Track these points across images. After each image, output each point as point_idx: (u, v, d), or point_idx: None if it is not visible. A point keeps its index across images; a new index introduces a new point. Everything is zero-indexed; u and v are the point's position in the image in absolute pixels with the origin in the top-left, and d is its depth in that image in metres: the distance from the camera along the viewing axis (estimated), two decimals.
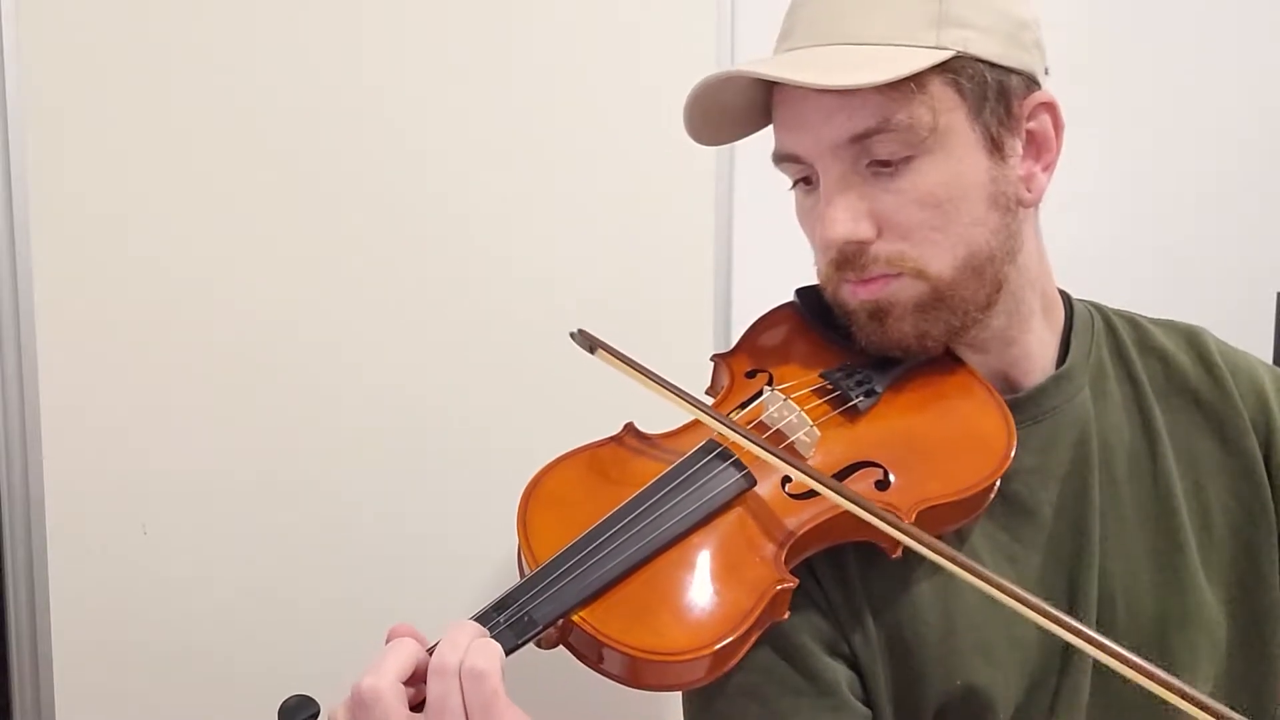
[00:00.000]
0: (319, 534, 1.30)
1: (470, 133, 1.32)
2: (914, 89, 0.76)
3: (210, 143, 1.21)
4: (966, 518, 0.81)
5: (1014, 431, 0.82)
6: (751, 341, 0.93)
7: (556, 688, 1.25)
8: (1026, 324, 0.87)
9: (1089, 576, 0.84)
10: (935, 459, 0.81)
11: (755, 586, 0.72)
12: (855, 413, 0.83)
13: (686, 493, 0.76)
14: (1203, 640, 0.85)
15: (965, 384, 0.86)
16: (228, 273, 1.23)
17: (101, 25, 1.15)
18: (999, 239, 0.81)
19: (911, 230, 0.79)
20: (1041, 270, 0.88)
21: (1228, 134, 1.80)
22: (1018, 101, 0.81)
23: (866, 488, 0.79)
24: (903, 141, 0.77)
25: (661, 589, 0.73)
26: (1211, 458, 0.89)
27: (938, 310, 0.81)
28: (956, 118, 0.78)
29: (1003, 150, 0.80)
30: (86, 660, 1.21)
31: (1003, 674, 0.81)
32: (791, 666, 0.79)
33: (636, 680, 0.71)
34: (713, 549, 0.75)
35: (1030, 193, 0.83)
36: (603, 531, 0.74)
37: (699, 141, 0.88)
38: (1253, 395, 0.90)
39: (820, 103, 0.79)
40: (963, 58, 0.77)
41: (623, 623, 0.70)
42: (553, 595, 0.71)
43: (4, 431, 1.17)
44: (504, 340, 1.36)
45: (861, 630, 0.81)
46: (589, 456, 0.84)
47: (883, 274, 0.80)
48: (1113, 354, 0.92)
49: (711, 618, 0.71)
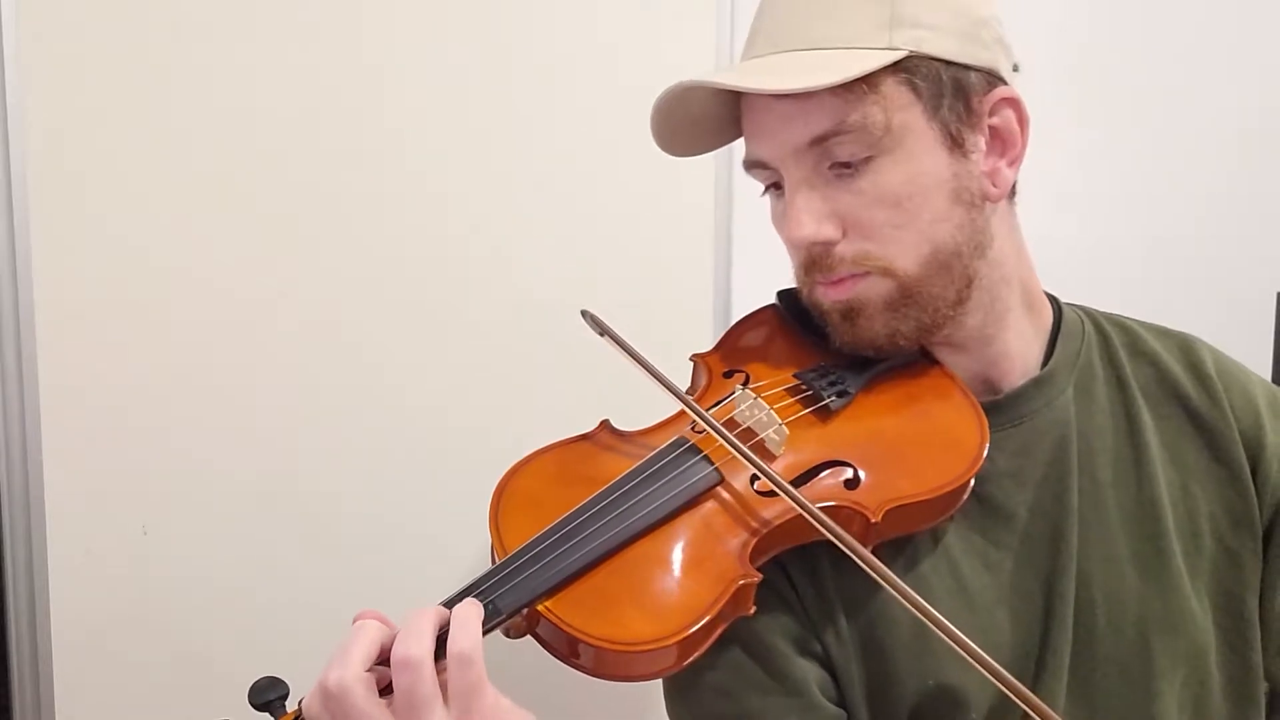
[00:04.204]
0: (319, 534, 1.30)
1: (468, 133, 1.33)
2: (866, 90, 0.77)
3: (209, 143, 1.22)
4: (938, 518, 0.81)
5: (987, 432, 0.82)
6: (731, 342, 0.94)
7: (554, 686, 1.25)
8: (1003, 320, 0.86)
9: (1066, 580, 0.84)
10: (906, 458, 0.82)
11: (719, 580, 0.73)
12: (827, 412, 0.84)
13: (654, 487, 0.77)
14: (1185, 646, 0.85)
15: (940, 385, 0.86)
16: (227, 273, 1.24)
17: (101, 22, 1.16)
18: (965, 234, 0.81)
19: (875, 229, 0.80)
20: (1020, 266, 0.88)
21: (1227, 134, 1.80)
22: (977, 98, 0.81)
23: (836, 486, 0.79)
24: (860, 142, 0.78)
25: (626, 581, 0.74)
26: (1200, 465, 0.89)
27: (907, 307, 0.82)
28: (912, 116, 0.79)
29: (964, 146, 0.80)
30: (86, 660, 1.21)
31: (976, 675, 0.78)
32: (761, 667, 0.80)
33: (603, 671, 0.72)
34: (678, 542, 0.76)
35: (996, 188, 0.82)
36: (569, 523, 0.75)
37: (671, 153, 0.89)
38: (1245, 408, 0.90)
39: (779, 108, 0.80)
40: (916, 57, 0.78)
41: (586, 613, 0.71)
42: (518, 584, 0.72)
43: (4, 431, 1.17)
44: (505, 341, 1.37)
45: (834, 629, 0.81)
46: (562, 451, 0.85)
47: (850, 274, 0.81)
48: (1102, 358, 0.91)
49: (673, 609, 0.72)
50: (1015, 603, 0.83)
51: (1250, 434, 0.89)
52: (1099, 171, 1.74)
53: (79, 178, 1.17)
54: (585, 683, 0.74)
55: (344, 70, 1.27)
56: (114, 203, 1.19)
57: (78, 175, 1.17)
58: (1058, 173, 1.66)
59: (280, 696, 0.69)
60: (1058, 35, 1.63)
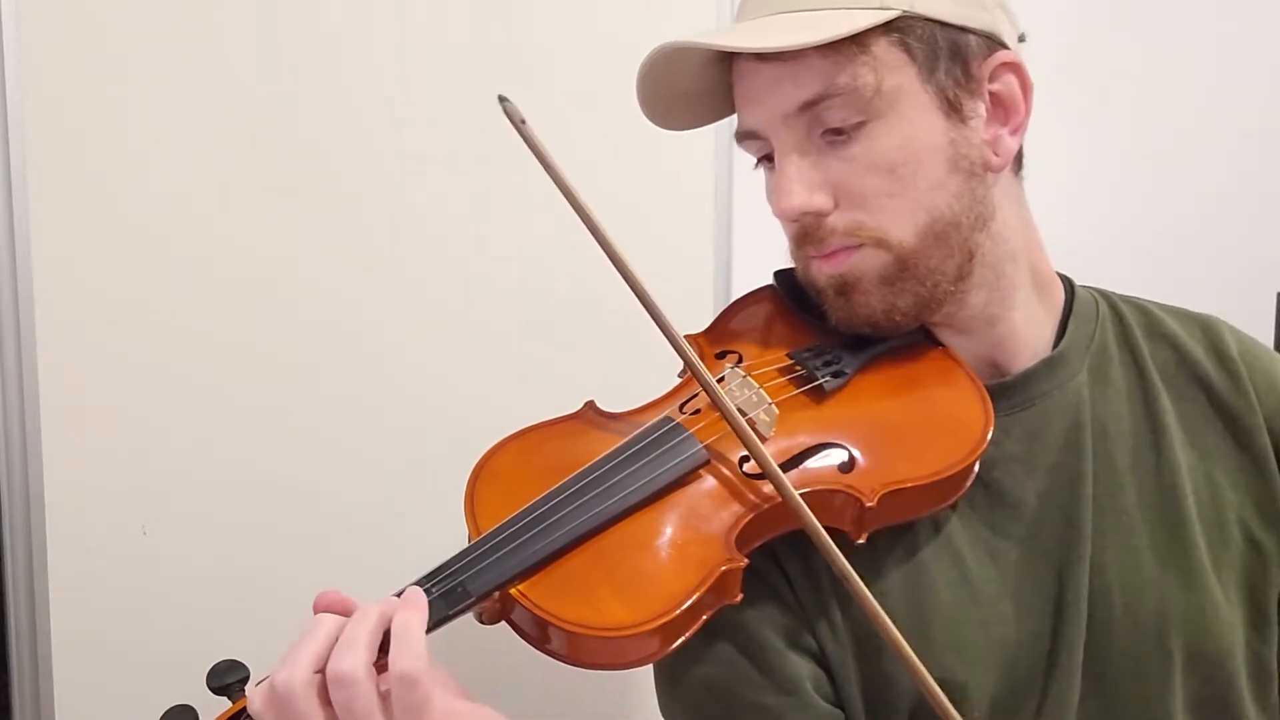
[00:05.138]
0: (320, 534, 1.29)
1: (467, 129, 1.31)
2: (856, 50, 0.74)
3: (210, 144, 1.21)
4: (939, 504, 0.78)
5: (991, 416, 0.79)
6: (725, 322, 0.91)
7: (550, 685, 1.24)
8: (1010, 299, 0.83)
9: (1079, 570, 0.80)
10: (905, 441, 0.78)
11: (701, 565, 0.70)
12: (821, 393, 0.80)
13: (636, 466, 0.74)
14: (1209, 643, 0.81)
15: (942, 366, 0.82)
16: (228, 274, 1.23)
17: (102, 22, 1.16)
18: (963, 204, 0.78)
19: (867, 198, 0.76)
20: (1028, 242, 0.84)
21: (1228, 133, 1.80)
22: (977, 62, 0.77)
23: (829, 469, 0.76)
24: (851, 106, 0.75)
25: (604, 564, 0.71)
26: (1222, 450, 0.85)
27: (903, 281, 0.78)
28: (906, 78, 0.75)
29: (961, 112, 0.77)
30: (86, 660, 1.21)
31: (979, 673, 0.77)
32: (752, 662, 0.77)
33: (579, 658, 0.69)
34: (660, 524, 0.73)
35: (998, 156, 0.79)
36: (546, 503, 0.73)
37: (663, 125, 0.86)
38: (1270, 392, 0.86)
39: (767, 72, 0.77)
40: (909, 17, 0.75)
41: (561, 597, 0.68)
42: (489, 566, 0.69)
43: (4, 431, 1.17)
44: (505, 341, 1.36)
45: (829, 624, 0.78)
46: (544, 431, 0.82)
47: (843, 246, 0.78)
48: (1118, 339, 0.87)
49: (652, 594, 0.69)
50: (1024, 594, 0.79)
51: (1277, 420, 0.85)
52: (1098, 171, 1.73)
53: (79, 178, 1.17)
54: (578, 677, 0.72)
55: (344, 71, 1.26)
56: (114, 203, 1.18)
57: (78, 175, 1.17)
58: (1057, 171, 1.66)
59: (240, 680, 0.67)
60: (1056, 33, 1.63)
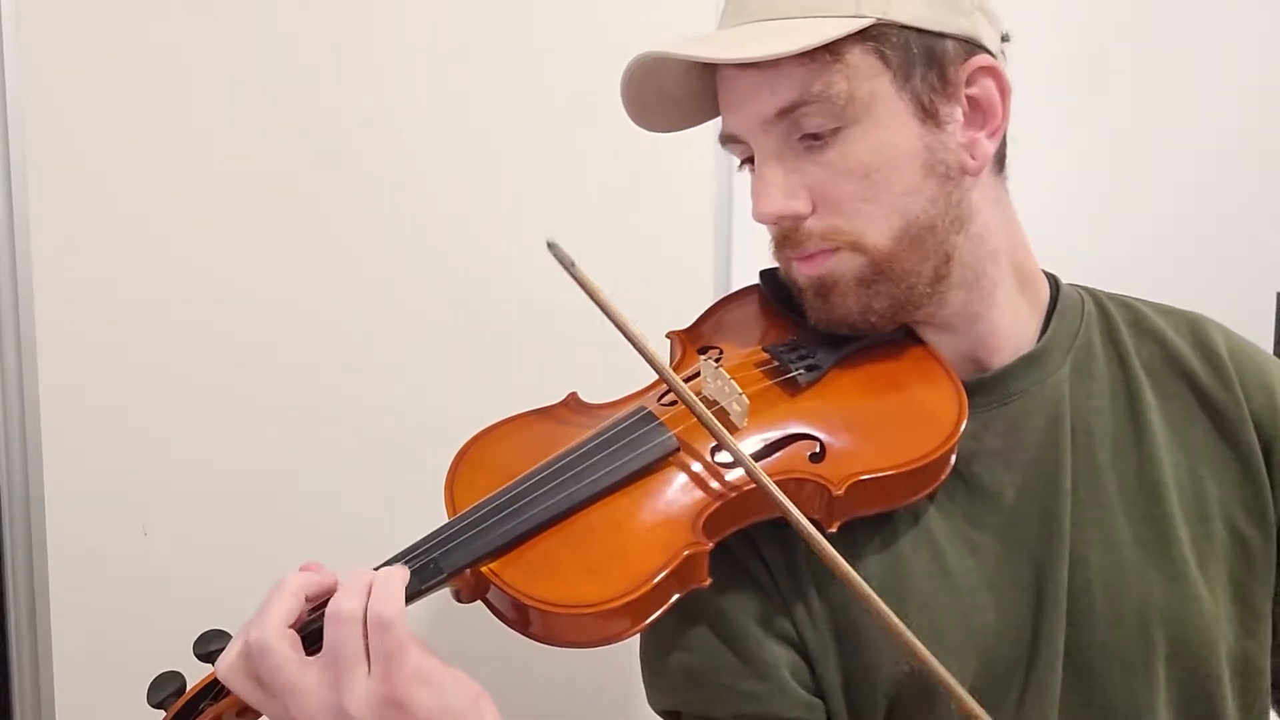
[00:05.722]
0: (320, 534, 1.29)
1: (467, 128, 1.32)
2: (830, 58, 0.75)
3: (210, 144, 1.22)
4: (912, 496, 0.79)
5: (965, 409, 0.80)
6: (708, 319, 0.93)
7: (550, 685, 1.25)
8: (991, 298, 0.84)
9: (1058, 564, 0.80)
10: (876, 432, 0.80)
11: (667, 546, 0.72)
12: (795, 385, 0.82)
13: (608, 452, 0.77)
14: (1192, 636, 0.81)
15: (919, 362, 0.84)
16: (228, 274, 1.24)
17: (101, 20, 1.16)
18: (939, 208, 0.79)
19: (843, 203, 0.78)
20: (1009, 242, 0.85)
21: (1228, 133, 1.80)
22: (953, 67, 0.78)
23: (799, 458, 0.78)
24: (826, 113, 0.76)
25: (574, 545, 0.73)
26: (1208, 446, 0.85)
27: (879, 283, 0.79)
28: (880, 85, 0.76)
29: (937, 117, 0.78)
30: (86, 660, 1.21)
31: (957, 661, 0.77)
32: (729, 649, 0.79)
33: (551, 636, 0.72)
34: (629, 509, 0.75)
35: (974, 160, 0.80)
36: (519, 486, 0.75)
37: (646, 128, 0.87)
38: (1259, 390, 0.86)
39: (746, 79, 0.79)
40: (884, 24, 0.76)
41: (530, 575, 0.71)
42: (462, 544, 0.72)
43: (4, 431, 1.17)
44: (506, 342, 1.36)
45: (807, 611, 0.79)
46: (524, 421, 0.86)
47: (820, 249, 0.80)
48: (1103, 336, 0.88)
49: (618, 573, 0.71)
50: (1004, 586, 0.81)
51: (1264, 417, 0.85)
52: (1098, 171, 1.73)
53: (79, 178, 1.17)
54: (578, 677, 0.74)
55: (343, 70, 1.26)
56: (114, 203, 1.19)
57: (78, 175, 1.17)
58: (1057, 171, 1.66)
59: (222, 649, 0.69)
60: (1054, 34, 1.63)
